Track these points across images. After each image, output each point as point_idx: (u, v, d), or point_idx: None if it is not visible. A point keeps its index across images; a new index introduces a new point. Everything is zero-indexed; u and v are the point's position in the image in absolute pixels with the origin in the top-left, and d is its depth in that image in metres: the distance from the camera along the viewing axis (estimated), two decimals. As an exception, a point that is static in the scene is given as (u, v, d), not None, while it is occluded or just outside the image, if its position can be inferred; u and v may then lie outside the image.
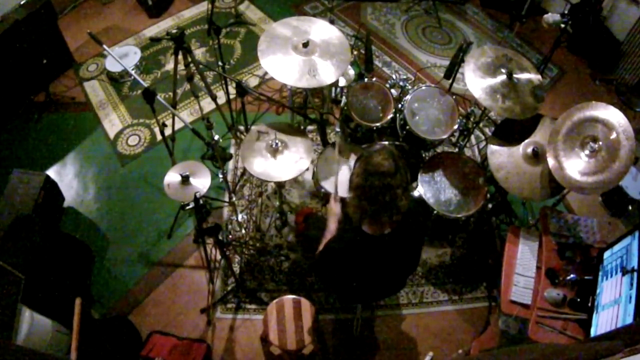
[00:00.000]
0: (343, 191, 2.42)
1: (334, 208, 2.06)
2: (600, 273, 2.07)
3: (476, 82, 2.44)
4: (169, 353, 2.42)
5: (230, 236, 2.95)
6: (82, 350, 1.93)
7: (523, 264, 2.24)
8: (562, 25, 2.77)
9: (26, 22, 3.27)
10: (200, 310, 2.66)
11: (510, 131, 2.52)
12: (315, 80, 2.35)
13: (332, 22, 3.22)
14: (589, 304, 2.02)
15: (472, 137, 3.38)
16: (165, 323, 2.62)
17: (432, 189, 2.62)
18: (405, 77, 2.89)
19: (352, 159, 2.63)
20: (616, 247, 2.02)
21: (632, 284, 1.77)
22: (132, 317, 2.61)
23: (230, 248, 2.89)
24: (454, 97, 2.79)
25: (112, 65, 3.74)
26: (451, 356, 2.54)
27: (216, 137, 2.24)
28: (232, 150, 3.37)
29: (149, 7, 4.30)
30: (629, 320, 1.68)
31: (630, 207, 2.95)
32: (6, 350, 1.66)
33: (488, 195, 2.63)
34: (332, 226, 1.99)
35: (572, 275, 2.12)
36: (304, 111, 3.10)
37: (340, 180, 2.44)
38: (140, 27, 4.28)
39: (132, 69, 3.68)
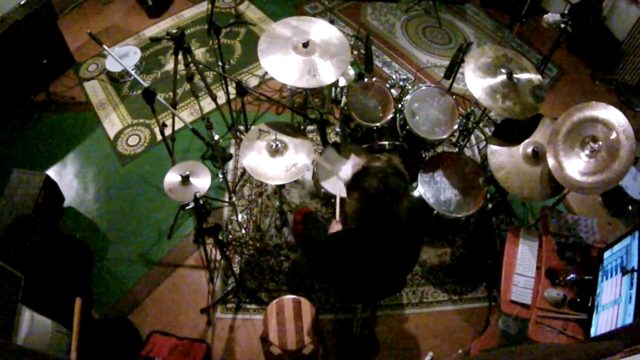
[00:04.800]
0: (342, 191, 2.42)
1: (336, 227, 2.06)
2: (600, 273, 2.07)
3: (476, 82, 2.44)
4: (169, 353, 2.42)
5: (230, 236, 2.94)
6: (82, 350, 1.93)
7: (523, 264, 2.24)
8: (562, 25, 2.77)
9: (26, 22, 3.26)
10: (200, 310, 2.66)
11: (510, 131, 2.52)
12: (315, 80, 2.35)
13: (332, 22, 3.22)
14: (589, 304, 2.02)
15: (472, 137, 3.38)
16: (165, 323, 2.62)
17: (432, 189, 2.62)
18: (405, 77, 2.89)
19: (353, 158, 2.63)
20: (616, 247, 2.02)
21: (632, 284, 1.77)
22: (132, 317, 2.61)
23: (230, 248, 2.89)
24: (454, 97, 2.79)
25: (112, 65, 3.74)
26: (451, 356, 2.54)
27: (216, 137, 2.24)
28: (232, 150, 3.37)
29: (149, 7, 4.30)
30: (629, 320, 1.68)
31: (630, 207, 2.96)
32: (6, 350, 1.66)
33: (488, 195, 2.63)
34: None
35: (572, 275, 2.12)
36: (304, 111, 3.09)
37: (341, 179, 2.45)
38: (140, 27, 4.28)
39: (132, 69, 3.68)
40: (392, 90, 2.81)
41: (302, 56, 2.40)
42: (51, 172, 3.18)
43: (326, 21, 2.68)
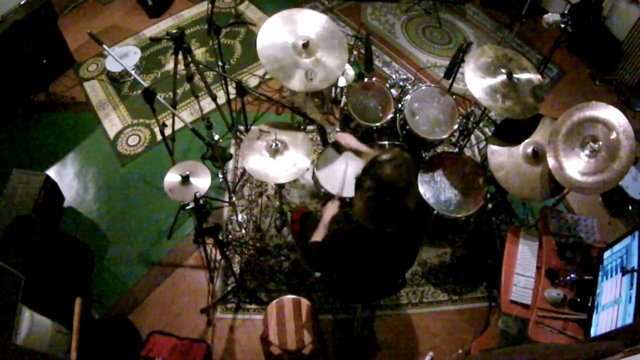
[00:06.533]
0: (345, 192, 2.42)
1: (333, 208, 2.05)
2: (600, 273, 2.07)
3: (476, 82, 2.44)
4: (169, 353, 2.42)
5: (230, 236, 2.94)
6: (82, 350, 1.93)
7: (523, 264, 2.24)
8: (562, 25, 2.77)
9: (26, 22, 3.26)
10: (200, 310, 2.66)
11: (510, 131, 2.52)
12: (313, 83, 2.35)
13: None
14: (589, 304, 2.02)
15: (472, 137, 3.38)
16: (165, 323, 2.62)
17: (432, 189, 2.62)
18: (405, 77, 2.89)
19: (352, 158, 2.63)
20: (616, 247, 2.02)
21: (632, 284, 1.77)
22: (132, 317, 2.61)
23: (230, 248, 2.89)
24: (454, 97, 2.79)
25: (112, 65, 3.74)
26: (451, 356, 2.54)
27: (216, 137, 2.24)
28: (232, 150, 3.37)
29: (149, 7, 4.30)
30: (629, 320, 1.68)
31: (630, 207, 2.95)
32: (6, 350, 1.66)
33: (488, 195, 2.63)
34: (326, 218, 1.99)
35: (572, 275, 2.12)
36: (304, 111, 3.09)
37: (342, 180, 2.44)
38: (140, 27, 4.28)
39: (132, 69, 3.68)
40: (392, 90, 2.81)
41: (302, 58, 2.40)
42: (51, 172, 3.18)
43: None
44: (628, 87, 3.71)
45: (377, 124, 2.71)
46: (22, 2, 3.26)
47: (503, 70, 2.47)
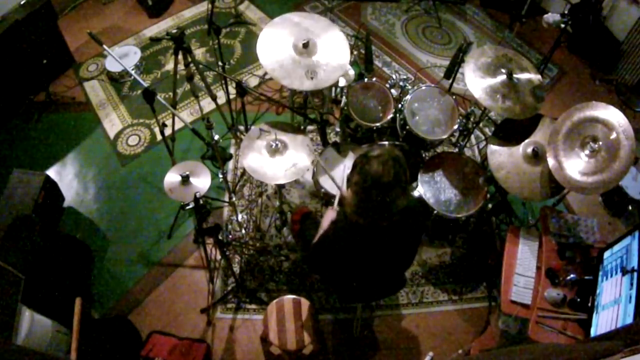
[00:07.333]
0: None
1: (332, 213, 2.05)
2: (600, 273, 2.07)
3: (476, 82, 2.44)
4: (169, 353, 2.42)
5: (230, 236, 2.94)
6: (82, 350, 1.93)
7: (523, 264, 2.24)
8: (562, 25, 2.77)
9: (26, 22, 3.26)
10: (200, 310, 2.66)
11: (510, 131, 2.52)
12: (313, 82, 2.35)
13: (331, 22, 3.21)
14: (589, 304, 2.02)
15: (472, 137, 3.38)
16: (165, 323, 2.62)
17: (432, 189, 2.62)
18: (405, 77, 2.89)
19: (352, 158, 2.63)
20: (616, 247, 2.02)
21: (632, 284, 1.77)
22: (132, 317, 2.61)
23: (230, 248, 2.89)
24: (454, 97, 2.79)
25: (112, 65, 3.74)
26: (451, 356, 2.54)
27: (216, 137, 2.24)
28: (232, 150, 3.37)
29: (149, 7, 4.30)
30: (629, 320, 1.68)
31: (630, 207, 2.95)
32: (6, 350, 1.66)
33: (488, 195, 2.63)
34: (325, 224, 1.99)
35: (572, 275, 2.13)
36: (304, 111, 3.09)
37: (342, 180, 2.44)
38: (140, 27, 4.28)
39: (132, 69, 3.68)
40: (392, 90, 2.81)
41: (302, 57, 2.40)
42: (51, 172, 3.17)
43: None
44: (628, 87, 3.71)
45: (377, 124, 2.71)
46: (22, 2, 3.27)
47: (503, 70, 2.47)
